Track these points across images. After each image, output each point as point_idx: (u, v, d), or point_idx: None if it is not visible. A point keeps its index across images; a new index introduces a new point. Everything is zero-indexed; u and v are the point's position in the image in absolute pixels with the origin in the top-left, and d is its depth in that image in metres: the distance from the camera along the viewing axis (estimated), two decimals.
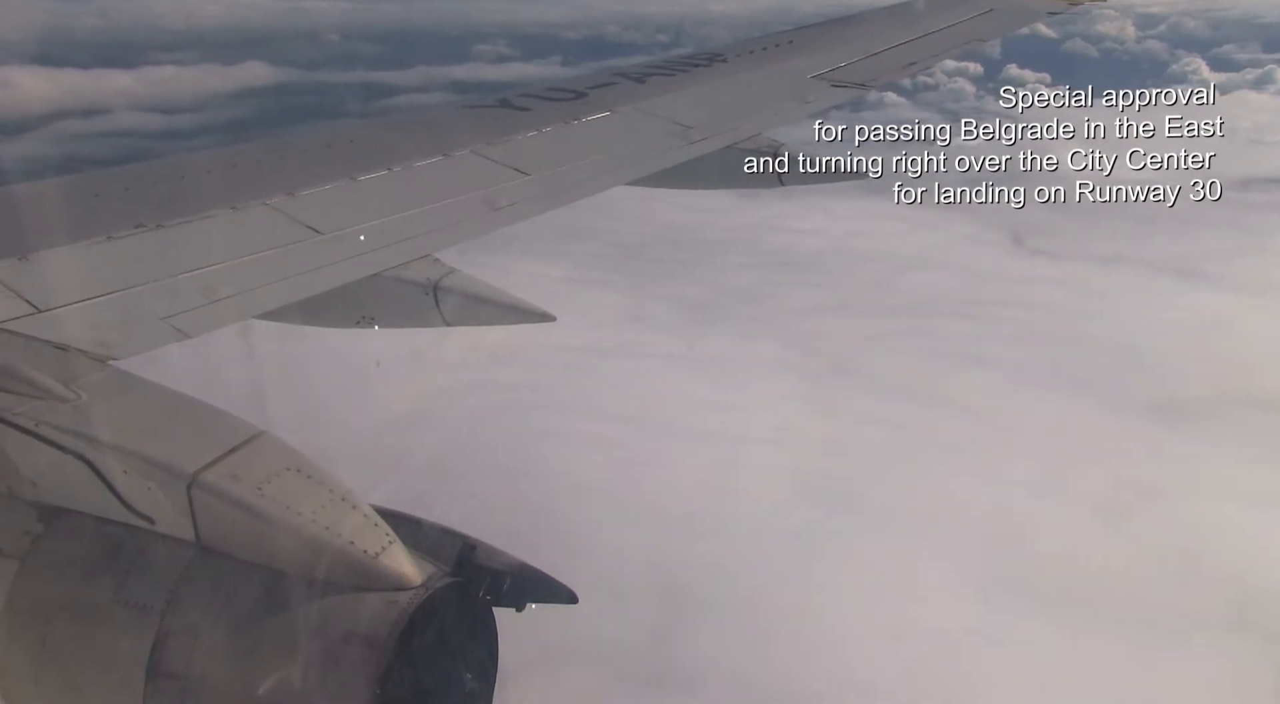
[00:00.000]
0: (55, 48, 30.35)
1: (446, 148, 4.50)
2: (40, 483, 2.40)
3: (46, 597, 2.34)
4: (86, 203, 3.73)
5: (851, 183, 5.73)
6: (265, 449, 2.43)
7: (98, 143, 26.17)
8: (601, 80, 5.62)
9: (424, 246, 3.89)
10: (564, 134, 4.91)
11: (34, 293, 3.03)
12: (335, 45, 34.78)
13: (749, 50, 6.42)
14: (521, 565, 2.57)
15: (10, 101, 26.83)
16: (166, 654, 2.23)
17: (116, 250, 3.39)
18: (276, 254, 3.58)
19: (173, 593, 2.26)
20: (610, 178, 4.73)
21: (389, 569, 2.29)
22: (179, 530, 2.31)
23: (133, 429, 2.44)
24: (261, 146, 4.54)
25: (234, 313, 3.31)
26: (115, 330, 2.98)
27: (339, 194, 4.01)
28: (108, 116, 28.23)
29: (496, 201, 4.21)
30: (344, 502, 2.36)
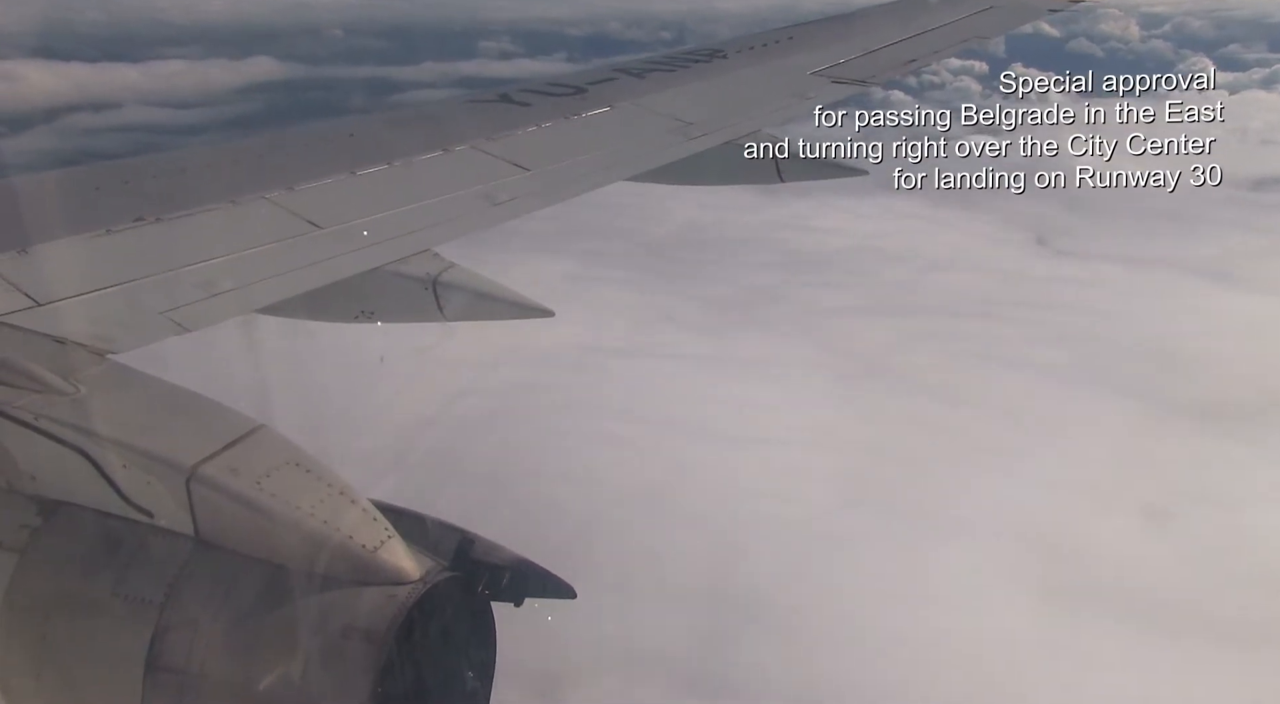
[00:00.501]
0: (61, 41, 30.30)
1: (446, 142, 4.49)
2: (39, 476, 2.40)
3: (45, 590, 2.34)
4: (86, 196, 3.73)
5: (863, 181, 5.72)
6: (264, 443, 2.43)
7: (107, 137, 26.16)
8: (601, 76, 5.61)
9: (424, 241, 3.89)
10: (564, 129, 4.90)
11: (33, 286, 3.03)
12: (342, 41, 34.77)
13: (749, 46, 6.41)
14: (520, 560, 2.57)
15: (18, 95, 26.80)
16: (165, 648, 2.24)
17: (116, 244, 3.39)
18: (276, 248, 3.58)
19: (172, 587, 2.26)
20: (610, 173, 4.73)
21: (388, 564, 2.29)
22: (178, 524, 2.31)
23: (132, 423, 2.44)
24: (261, 140, 4.54)
25: (233, 307, 3.31)
26: (114, 324, 2.98)
27: (339, 188, 4.01)
28: (116, 111, 28.21)
29: (496, 197, 4.21)
30: (343, 496, 2.36)
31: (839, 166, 5.56)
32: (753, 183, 5.34)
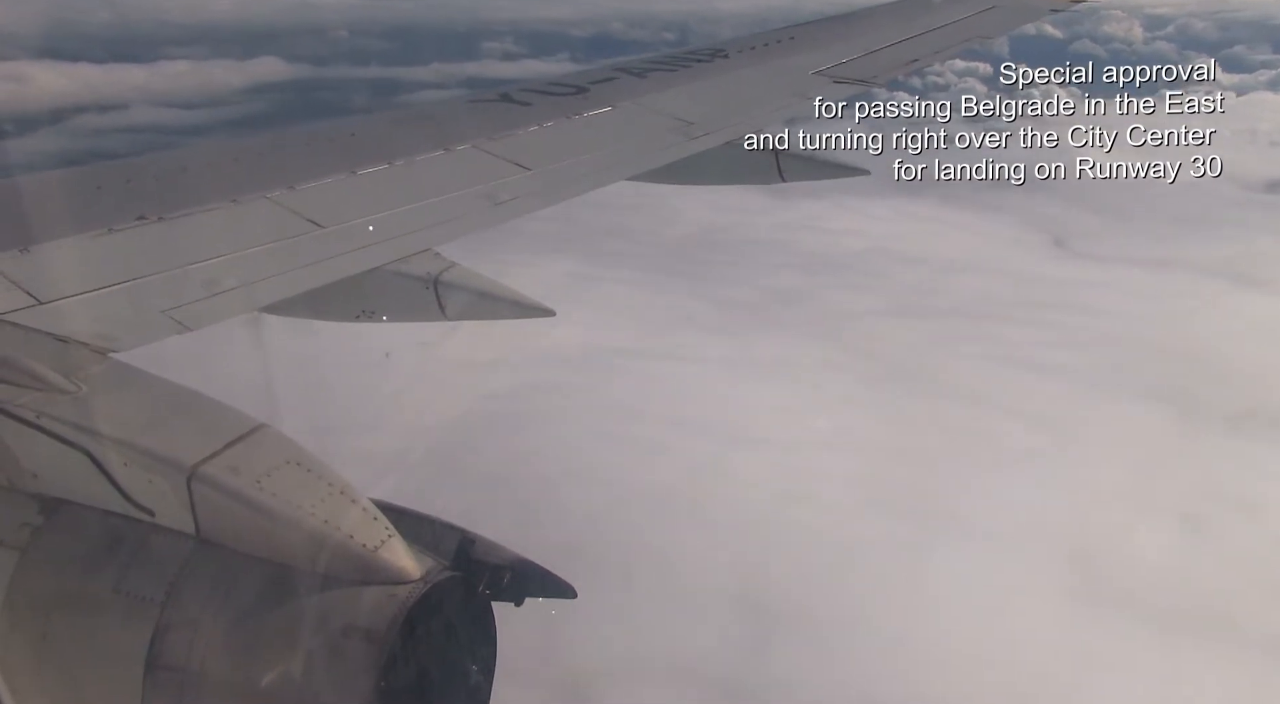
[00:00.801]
0: (68, 42, 30.32)
1: (448, 142, 4.49)
2: (41, 475, 2.41)
3: (46, 588, 2.35)
4: (88, 195, 3.73)
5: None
6: (265, 442, 2.43)
7: (114, 138, 26.15)
8: (603, 75, 5.61)
9: (425, 241, 3.89)
10: (565, 129, 4.90)
11: (35, 285, 3.03)
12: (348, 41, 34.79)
13: (750, 46, 6.41)
14: (520, 560, 2.57)
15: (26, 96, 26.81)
16: (166, 646, 2.24)
17: (118, 243, 3.40)
18: (277, 247, 3.58)
19: (172, 585, 2.26)
20: (611, 173, 4.73)
21: (388, 563, 2.29)
22: (179, 523, 2.32)
23: (133, 422, 2.44)
24: (263, 140, 4.54)
25: (235, 306, 3.31)
26: (116, 323, 2.98)
27: (340, 188, 4.01)
28: (124, 112, 28.23)
29: (498, 196, 4.21)
30: (343, 495, 2.36)
31: (840, 166, 5.55)
32: (754, 182, 5.33)
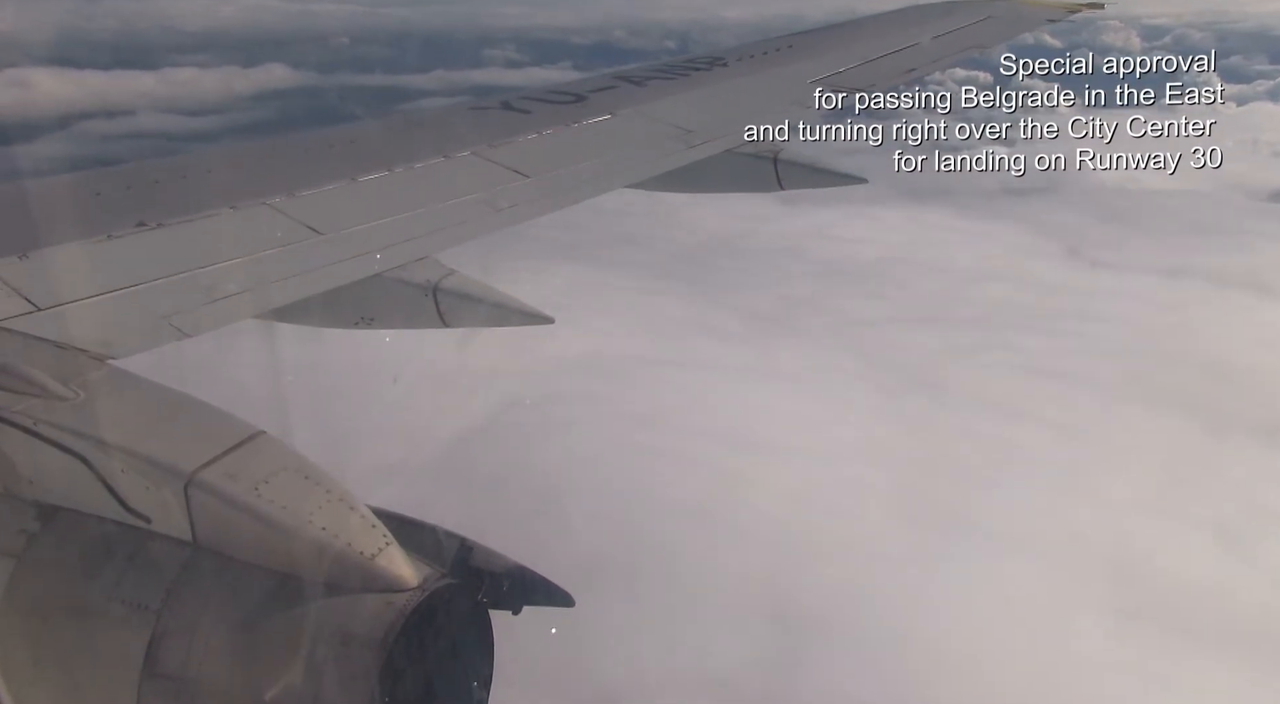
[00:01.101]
0: (76, 49, 30.40)
1: (447, 149, 4.50)
2: (38, 481, 2.40)
3: (43, 595, 2.34)
4: (88, 201, 3.73)
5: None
6: (263, 449, 2.43)
7: (121, 144, 26.21)
8: (602, 83, 5.63)
9: (424, 248, 3.89)
10: (564, 136, 4.91)
11: (34, 291, 3.03)
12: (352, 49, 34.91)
13: (750, 55, 6.43)
14: (519, 568, 2.56)
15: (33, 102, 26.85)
16: (162, 654, 2.23)
17: (117, 249, 3.40)
18: (277, 254, 3.58)
19: (169, 592, 2.26)
20: (610, 180, 4.73)
21: (386, 570, 2.28)
22: (176, 530, 2.31)
23: (131, 428, 2.43)
24: (263, 146, 4.54)
25: (234, 312, 3.31)
26: (115, 329, 2.98)
27: (339, 194, 4.02)
28: (130, 118, 28.28)
29: (497, 203, 4.21)
30: (341, 502, 2.36)
31: (839, 175, 5.56)
32: (753, 190, 5.34)
